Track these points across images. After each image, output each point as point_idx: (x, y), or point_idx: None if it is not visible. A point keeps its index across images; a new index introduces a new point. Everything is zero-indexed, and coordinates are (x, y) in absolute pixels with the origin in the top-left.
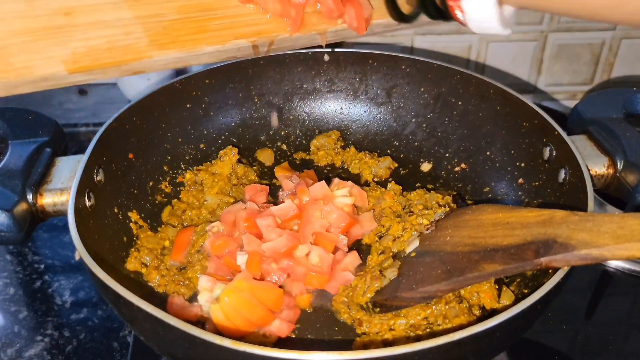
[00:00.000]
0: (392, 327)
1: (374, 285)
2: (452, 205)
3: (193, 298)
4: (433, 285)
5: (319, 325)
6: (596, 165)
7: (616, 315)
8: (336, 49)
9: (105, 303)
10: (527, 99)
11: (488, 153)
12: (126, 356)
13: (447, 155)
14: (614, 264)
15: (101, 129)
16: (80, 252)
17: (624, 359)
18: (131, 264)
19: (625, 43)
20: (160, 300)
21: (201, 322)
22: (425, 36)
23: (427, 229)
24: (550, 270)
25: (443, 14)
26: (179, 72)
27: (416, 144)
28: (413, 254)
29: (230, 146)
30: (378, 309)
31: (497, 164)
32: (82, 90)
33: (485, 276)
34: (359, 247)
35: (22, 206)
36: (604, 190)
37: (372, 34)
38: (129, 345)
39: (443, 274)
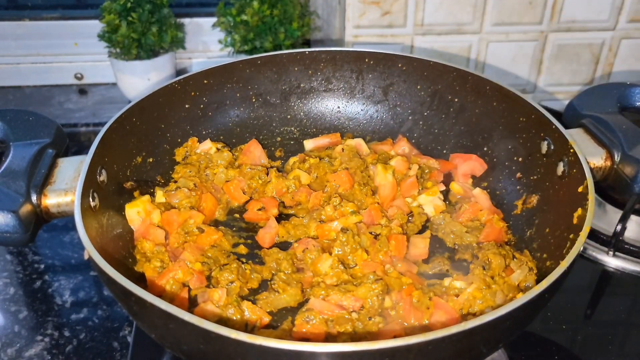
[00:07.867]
0: None
1: None
2: None
3: None
4: None
5: None
6: (594, 157)
7: (616, 315)
8: (332, 48)
9: (105, 303)
10: (524, 95)
11: (485, 149)
12: (126, 356)
13: (444, 152)
14: (614, 263)
15: (103, 130)
16: (90, 251)
17: (624, 359)
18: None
19: (625, 43)
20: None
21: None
22: (425, 36)
23: None
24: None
25: None
26: (179, 72)
27: (413, 141)
28: None
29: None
30: None
31: (495, 159)
32: (82, 90)
33: None
34: None
35: (27, 207)
36: (602, 182)
37: None
38: (129, 345)
39: None
